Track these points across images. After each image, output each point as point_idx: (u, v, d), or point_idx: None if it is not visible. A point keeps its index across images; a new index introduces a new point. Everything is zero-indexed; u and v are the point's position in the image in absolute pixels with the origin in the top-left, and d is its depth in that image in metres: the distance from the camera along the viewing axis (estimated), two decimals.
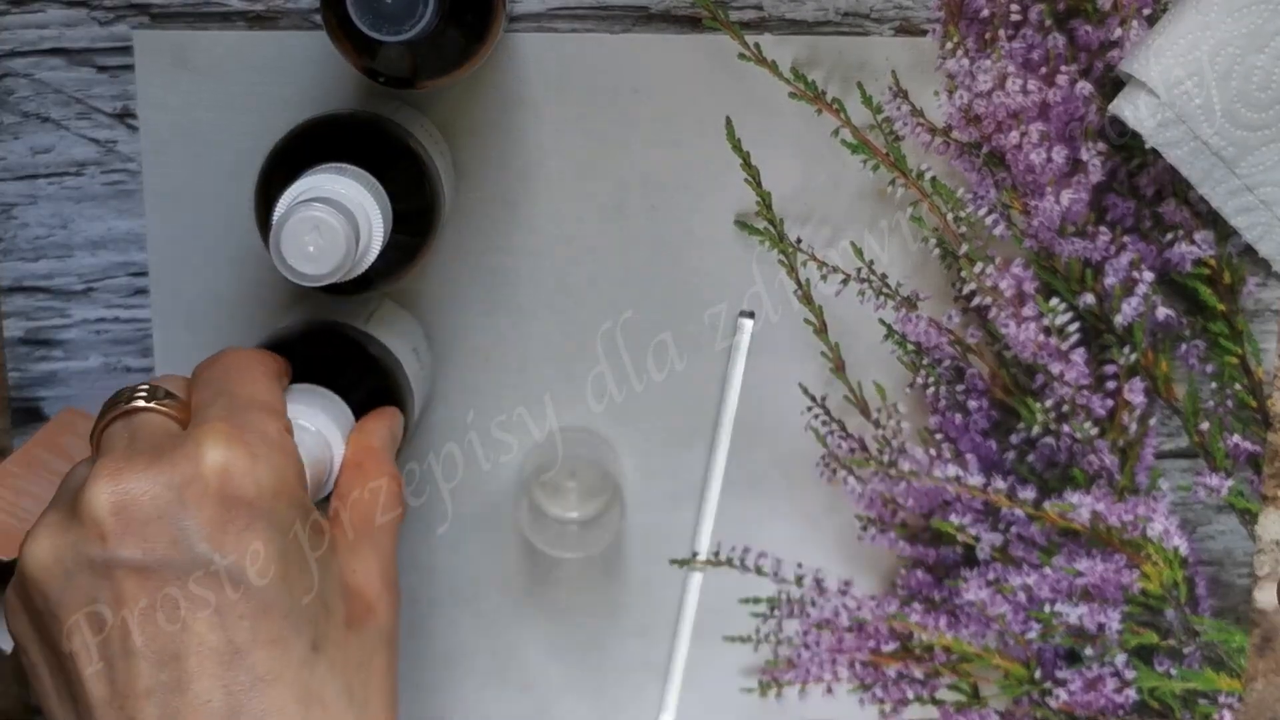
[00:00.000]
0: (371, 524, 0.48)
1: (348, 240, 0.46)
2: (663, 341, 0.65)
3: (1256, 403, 0.67)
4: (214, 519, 0.41)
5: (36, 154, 0.62)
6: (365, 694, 0.44)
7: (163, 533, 0.41)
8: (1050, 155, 0.64)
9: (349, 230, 0.47)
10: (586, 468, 0.65)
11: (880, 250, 0.65)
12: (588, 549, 0.65)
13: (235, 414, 0.44)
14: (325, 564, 0.45)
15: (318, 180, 0.49)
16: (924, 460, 0.67)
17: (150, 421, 0.45)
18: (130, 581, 0.41)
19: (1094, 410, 0.67)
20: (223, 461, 0.42)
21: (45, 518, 0.43)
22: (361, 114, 0.58)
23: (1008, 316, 0.65)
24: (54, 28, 0.61)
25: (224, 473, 0.42)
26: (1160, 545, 0.68)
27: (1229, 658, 0.69)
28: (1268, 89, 0.60)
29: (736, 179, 0.64)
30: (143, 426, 0.45)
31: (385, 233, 0.50)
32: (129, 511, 0.41)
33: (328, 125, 0.56)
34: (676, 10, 0.62)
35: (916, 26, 0.63)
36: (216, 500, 0.41)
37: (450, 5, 0.50)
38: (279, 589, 0.42)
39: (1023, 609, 0.68)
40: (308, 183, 0.49)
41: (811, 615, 0.69)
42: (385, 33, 0.48)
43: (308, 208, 0.47)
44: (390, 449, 0.52)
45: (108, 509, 0.41)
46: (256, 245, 0.63)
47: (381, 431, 0.52)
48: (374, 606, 0.46)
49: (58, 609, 0.41)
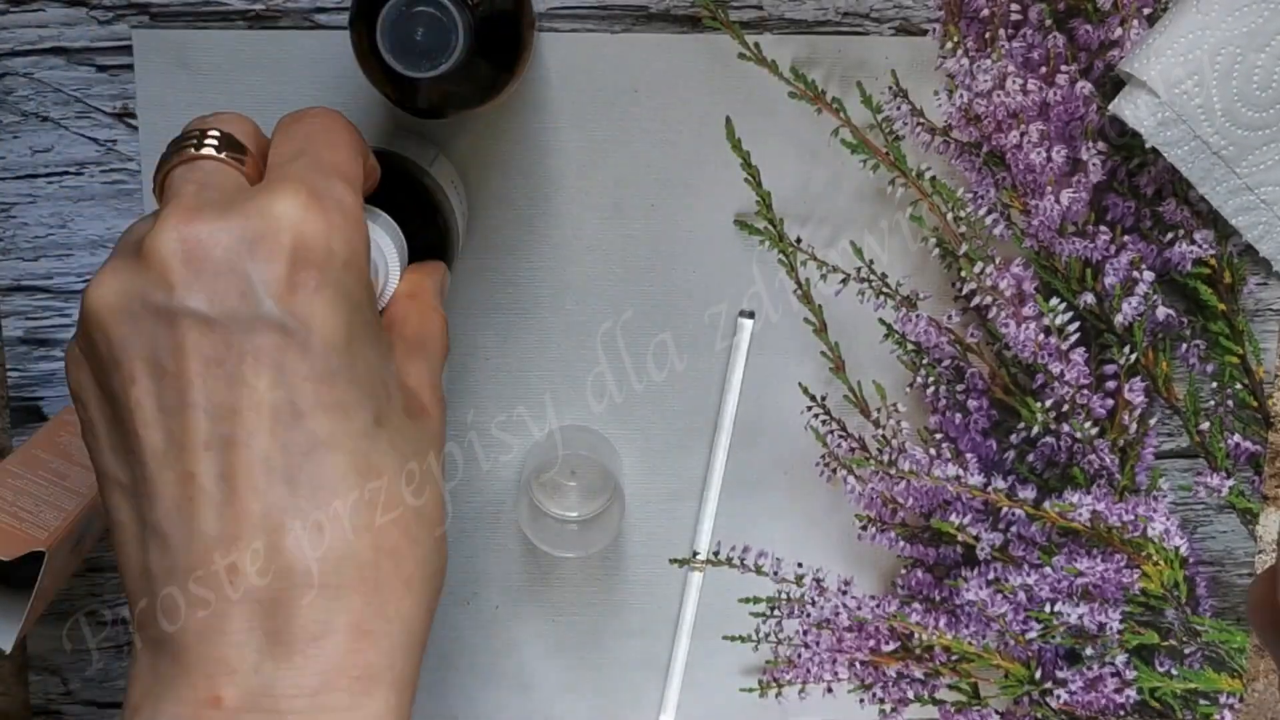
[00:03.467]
0: (423, 344, 0.47)
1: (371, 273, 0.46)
2: (663, 341, 0.65)
3: (1257, 402, 0.67)
4: (284, 277, 0.39)
5: (36, 154, 0.62)
6: (423, 481, 0.42)
7: (232, 285, 0.39)
8: (1050, 155, 0.64)
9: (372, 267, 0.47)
10: (586, 467, 0.65)
11: (880, 250, 0.65)
12: (588, 548, 0.65)
13: (316, 176, 0.41)
14: (387, 353, 0.43)
15: None
16: (924, 460, 0.67)
17: (220, 170, 0.42)
18: (195, 332, 0.39)
19: (1094, 410, 0.67)
20: (299, 220, 0.39)
21: (110, 262, 0.41)
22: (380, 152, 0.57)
23: (1008, 316, 0.65)
24: (53, 27, 0.61)
25: (298, 232, 0.39)
26: (1160, 545, 0.68)
27: (1229, 658, 0.69)
28: (1268, 88, 0.60)
29: (736, 179, 0.64)
30: (212, 174, 0.42)
31: (400, 270, 0.50)
32: (198, 260, 0.39)
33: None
34: (676, 10, 0.62)
35: (916, 26, 0.63)
36: (288, 258, 0.39)
37: (480, 39, 0.50)
38: (344, 357, 0.40)
39: (1023, 609, 0.68)
40: None
41: (811, 615, 0.69)
42: (417, 69, 0.48)
43: None
44: (441, 294, 0.51)
45: (178, 255, 0.39)
46: None
47: (436, 275, 0.51)
48: (427, 409, 0.44)
49: (120, 353, 0.40)
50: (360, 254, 0.41)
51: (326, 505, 0.39)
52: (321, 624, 0.39)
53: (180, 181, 0.42)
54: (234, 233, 0.39)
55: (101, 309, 0.40)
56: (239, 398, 0.39)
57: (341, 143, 0.44)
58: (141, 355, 0.39)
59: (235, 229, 0.39)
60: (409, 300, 0.48)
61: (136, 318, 0.39)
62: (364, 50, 0.52)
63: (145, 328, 0.39)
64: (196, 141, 0.43)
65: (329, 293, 0.40)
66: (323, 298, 0.40)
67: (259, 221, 0.39)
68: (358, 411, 0.40)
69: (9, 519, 0.54)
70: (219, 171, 0.42)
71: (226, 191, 0.41)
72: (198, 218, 0.39)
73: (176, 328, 0.39)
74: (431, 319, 0.48)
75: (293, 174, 0.41)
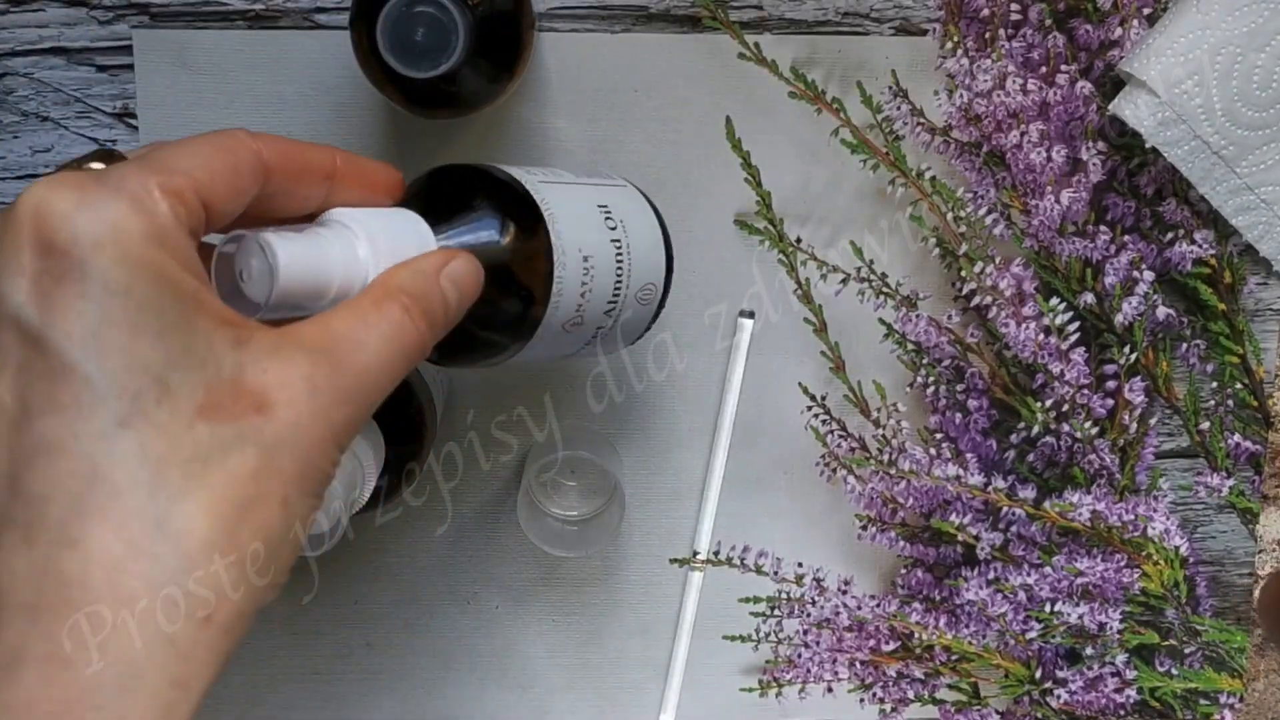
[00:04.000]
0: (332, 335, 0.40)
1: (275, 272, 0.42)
2: (663, 341, 0.65)
3: (1257, 402, 0.67)
4: (30, 268, 0.36)
5: (36, 153, 0.62)
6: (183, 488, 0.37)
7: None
8: (1050, 155, 0.64)
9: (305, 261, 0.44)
10: (586, 467, 0.65)
11: (880, 250, 0.65)
12: (587, 548, 0.65)
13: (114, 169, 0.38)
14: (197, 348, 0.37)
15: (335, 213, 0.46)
16: (924, 460, 0.67)
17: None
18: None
19: (1094, 410, 0.67)
20: (36, 202, 0.36)
21: None
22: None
23: (1008, 316, 0.65)
24: (54, 27, 0.61)
25: (37, 215, 0.36)
26: (1160, 545, 0.68)
27: (1230, 657, 0.69)
28: (1268, 88, 0.60)
29: (736, 179, 0.64)
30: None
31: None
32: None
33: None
34: (676, 10, 0.62)
35: (916, 26, 0.63)
36: (32, 247, 0.36)
37: (480, 39, 0.50)
38: (87, 353, 0.36)
39: (1023, 609, 0.68)
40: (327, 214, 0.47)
41: (811, 615, 0.69)
42: (417, 69, 0.48)
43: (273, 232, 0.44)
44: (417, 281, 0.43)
45: None
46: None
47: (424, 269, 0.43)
48: (267, 407, 0.38)
49: None
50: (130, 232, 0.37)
51: (40, 515, 0.36)
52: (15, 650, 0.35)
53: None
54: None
55: None
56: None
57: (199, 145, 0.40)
58: None
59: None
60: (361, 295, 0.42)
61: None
62: (364, 50, 0.52)
63: None
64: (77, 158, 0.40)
65: (73, 278, 0.36)
66: (71, 288, 0.36)
67: (8, 213, 0.37)
68: (96, 411, 0.36)
69: None
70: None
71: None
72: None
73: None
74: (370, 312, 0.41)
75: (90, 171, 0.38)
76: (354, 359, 0.40)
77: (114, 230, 0.36)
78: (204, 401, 0.37)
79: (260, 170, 0.41)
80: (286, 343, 0.39)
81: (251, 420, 0.38)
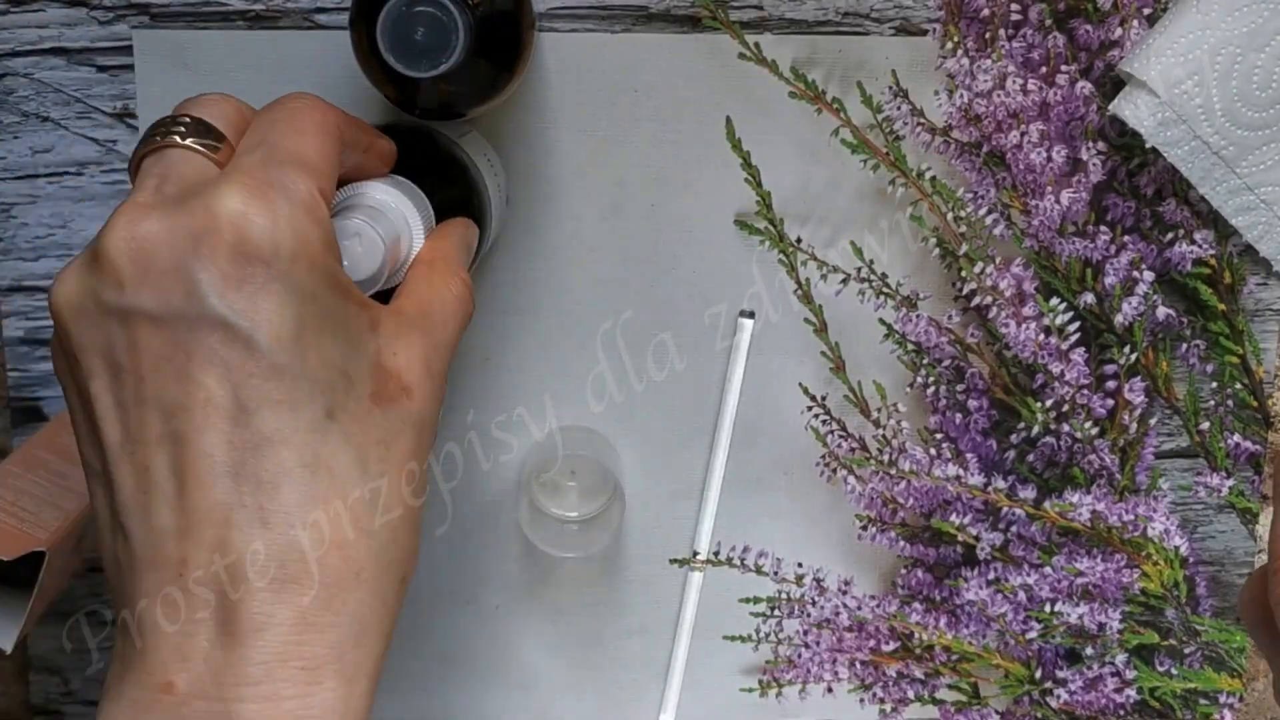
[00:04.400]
0: (428, 315, 0.46)
1: (385, 252, 0.46)
2: (663, 341, 0.65)
3: (1256, 402, 0.67)
4: (228, 274, 0.40)
5: (37, 154, 0.62)
6: (382, 469, 0.42)
7: (177, 283, 0.39)
8: (1050, 155, 0.64)
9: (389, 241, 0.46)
10: (586, 467, 0.65)
11: (880, 250, 0.65)
12: (588, 548, 0.65)
13: (268, 167, 0.42)
14: (356, 339, 0.42)
15: (360, 188, 0.48)
16: (924, 460, 0.67)
17: (184, 160, 0.43)
18: (145, 330, 0.40)
19: (1094, 410, 0.67)
20: (239, 215, 0.40)
21: (76, 258, 0.42)
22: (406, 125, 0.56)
23: (1008, 316, 0.65)
24: (54, 27, 0.61)
25: (239, 227, 0.40)
26: (1160, 545, 0.68)
27: (1229, 657, 0.69)
28: (1268, 88, 0.60)
29: (736, 179, 0.64)
30: (175, 166, 0.42)
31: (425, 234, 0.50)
32: (145, 258, 0.40)
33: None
34: (676, 10, 0.62)
35: (916, 26, 0.63)
36: (231, 255, 0.40)
37: (480, 39, 0.50)
38: (293, 352, 0.40)
39: (1023, 609, 0.68)
40: (350, 190, 0.48)
41: (811, 615, 0.69)
42: (417, 69, 0.48)
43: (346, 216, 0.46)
44: (464, 254, 0.51)
45: (125, 254, 0.40)
46: None
47: (455, 235, 0.51)
48: (410, 390, 0.44)
49: (79, 350, 0.41)
50: (312, 241, 0.41)
51: (272, 500, 0.40)
52: (265, 616, 0.39)
53: (145, 174, 0.43)
54: (179, 231, 0.40)
55: (62, 306, 0.41)
56: (188, 394, 0.40)
57: (306, 128, 0.44)
58: (99, 351, 0.40)
59: (181, 227, 0.40)
60: (424, 268, 0.48)
61: (92, 315, 0.40)
62: (364, 50, 0.52)
63: (101, 324, 0.40)
64: (166, 129, 0.43)
65: (275, 287, 0.40)
66: (268, 293, 0.40)
67: (203, 218, 0.40)
68: (307, 405, 0.40)
69: (9, 519, 0.54)
70: (184, 161, 0.43)
71: (186, 184, 0.42)
72: (148, 215, 0.40)
73: (129, 325, 0.40)
74: (443, 288, 0.47)
75: (243, 166, 0.42)
76: (444, 335, 0.46)
77: (304, 242, 0.41)
78: (373, 389, 0.43)
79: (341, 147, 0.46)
80: (402, 324, 0.45)
81: (404, 404, 0.43)
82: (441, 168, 0.54)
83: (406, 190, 0.49)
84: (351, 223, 0.46)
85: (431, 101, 0.54)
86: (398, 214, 0.48)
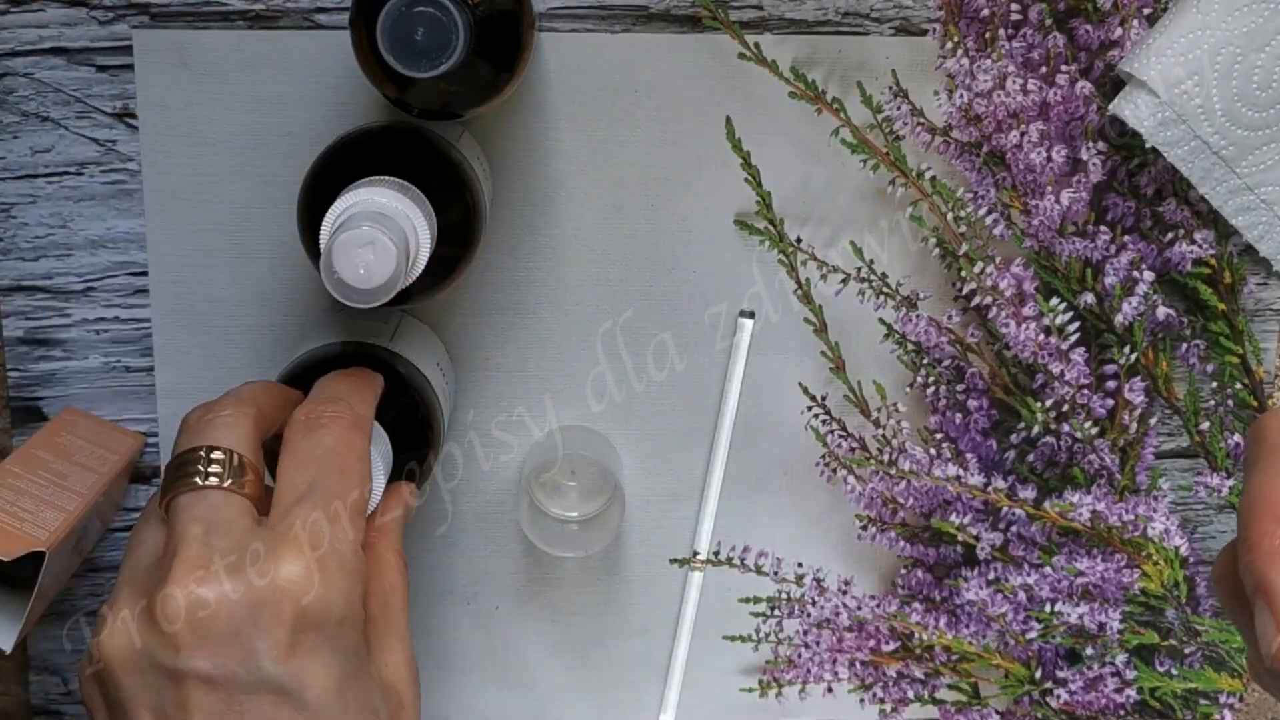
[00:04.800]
0: (389, 607, 0.49)
1: (399, 258, 0.46)
2: (663, 341, 0.65)
3: (1257, 402, 0.67)
4: (284, 641, 0.42)
5: (36, 154, 0.62)
6: None
7: (235, 650, 0.42)
8: (1050, 155, 0.64)
9: (400, 247, 0.46)
10: (586, 467, 0.65)
11: (880, 250, 0.65)
12: (588, 548, 0.65)
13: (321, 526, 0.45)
14: (370, 669, 0.46)
15: (363, 195, 0.48)
16: (924, 460, 0.67)
17: (226, 507, 0.45)
18: (198, 690, 0.42)
19: (1094, 410, 0.67)
20: (302, 589, 0.43)
21: (122, 600, 0.44)
22: (406, 127, 0.57)
23: (1008, 316, 0.65)
24: (54, 27, 0.61)
25: (301, 601, 0.43)
26: (1160, 545, 0.68)
27: (1229, 657, 0.69)
28: (1268, 88, 0.60)
29: (736, 179, 0.64)
30: (217, 512, 0.45)
31: (431, 245, 0.50)
32: (204, 625, 0.42)
33: (370, 138, 0.55)
34: (676, 10, 0.62)
35: (916, 26, 0.63)
36: (290, 624, 0.43)
37: (480, 39, 0.50)
38: (335, 706, 0.43)
39: (1023, 609, 0.68)
40: (354, 197, 0.48)
41: (811, 615, 0.69)
42: (417, 69, 0.48)
43: (356, 225, 0.46)
44: (402, 528, 0.53)
45: (184, 618, 0.42)
46: (256, 245, 0.63)
47: (394, 511, 0.53)
48: (403, 699, 0.47)
49: (129, 702, 0.43)
50: (355, 601, 0.45)
51: None
52: None
53: (186, 520, 0.45)
54: (239, 600, 0.42)
55: (112, 659, 0.43)
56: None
57: (352, 467, 0.47)
58: (148, 705, 0.43)
59: (240, 594, 0.42)
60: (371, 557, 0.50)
61: (144, 672, 0.43)
62: (364, 50, 0.52)
63: (152, 682, 0.43)
64: (202, 465, 0.46)
65: (325, 650, 0.43)
66: (318, 657, 0.43)
67: (264, 589, 0.43)
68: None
69: (9, 519, 0.54)
70: (225, 506, 0.45)
71: (234, 535, 0.44)
72: (206, 580, 0.43)
73: (182, 685, 0.42)
74: (390, 572, 0.50)
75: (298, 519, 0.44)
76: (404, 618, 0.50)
77: (350, 604, 0.44)
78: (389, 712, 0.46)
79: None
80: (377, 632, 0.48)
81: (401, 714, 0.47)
82: (441, 176, 0.54)
83: (407, 191, 0.49)
84: (363, 231, 0.46)
85: (431, 101, 0.54)
86: (403, 216, 0.48)
